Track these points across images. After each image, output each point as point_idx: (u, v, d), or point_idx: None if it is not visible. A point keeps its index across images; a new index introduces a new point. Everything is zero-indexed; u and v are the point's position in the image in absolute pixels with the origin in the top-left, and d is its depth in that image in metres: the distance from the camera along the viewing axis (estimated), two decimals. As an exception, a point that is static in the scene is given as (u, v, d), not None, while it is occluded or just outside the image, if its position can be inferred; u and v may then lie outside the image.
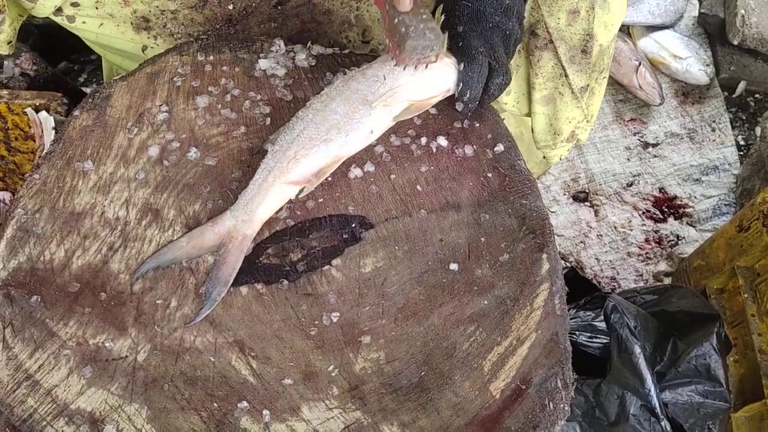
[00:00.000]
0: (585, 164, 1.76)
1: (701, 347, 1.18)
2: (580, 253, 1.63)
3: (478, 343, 0.86)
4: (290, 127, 0.87)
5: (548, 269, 0.92)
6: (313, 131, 0.86)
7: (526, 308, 0.89)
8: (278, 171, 0.84)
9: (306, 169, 0.85)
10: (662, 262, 1.63)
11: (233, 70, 1.00)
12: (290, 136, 0.86)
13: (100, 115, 0.94)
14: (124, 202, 0.88)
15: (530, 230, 0.94)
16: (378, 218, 0.92)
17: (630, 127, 1.84)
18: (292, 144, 0.85)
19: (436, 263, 0.90)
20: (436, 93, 0.93)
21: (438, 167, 0.97)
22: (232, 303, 0.84)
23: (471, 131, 1.00)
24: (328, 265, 0.87)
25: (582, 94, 1.05)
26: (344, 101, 0.87)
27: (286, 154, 0.85)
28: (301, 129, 0.86)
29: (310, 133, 0.86)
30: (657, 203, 1.72)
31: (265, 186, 0.84)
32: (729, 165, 1.79)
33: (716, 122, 1.87)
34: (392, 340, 0.84)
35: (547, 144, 1.14)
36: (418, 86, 0.91)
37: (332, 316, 0.84)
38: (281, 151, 0.86)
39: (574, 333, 1.11)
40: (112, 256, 0.85)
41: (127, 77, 0.98)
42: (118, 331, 0.81)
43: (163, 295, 0.83)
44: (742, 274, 1.32)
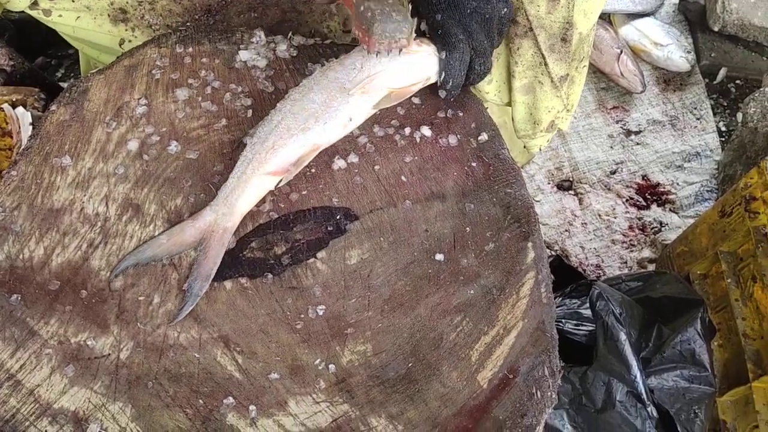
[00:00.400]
0: (569, 153, 1.77)
1: (686, 332, 1.19)
2: (565, 241, 1.63)
3: (465, 333, 0.85)
4: (269, 119, 0.86)
5: (534, 258, 0.92)
6: (291, 121, 0.85)
7: (512, 297, 0.89)
8: (256, 162, 0.83)
9: (284, 158, 0.84)
10: (646, 249, 1.64)
11: (213, 62, 0.99)
12: (268, 127, 0.85)
13: (78, 110, 0.93)
14: (104, 198, 0.87)
15: (515, 219, 0.94)
16: (363, 210, 0.91)
17: (612, 114, 1.84)
18: (270, 135, 0.84)
19: (421, 254, 0.89)
20: (416, 80, 0.92)
21: (422, 157, 0.96)
22: (217, 298, 0.83)
23: (455, 121, 1.00)
24: (313, 257, 0.87)
25: (562, 84, 1.04)
26: (322, 90, 0.86)
27: (264, 144, 0.84)
28: (279, 119, 0.85)
29: (288, 123, 0.85)
30: (640, 190, 1.73)
31: (244, 178, 0.83)
32: (711, 151, 1.80)
33: (698, 109, 1.88)
34: (379, 332, 0.84)
35: (526, 133, 1.13)
36: (397, 73, 0.90)
37: (318, 310, 0.83)
38: (259, 142, 0.85)
39: (560, 321, 1.12)
40: (93, 252, 0.84)
41: (105, 70, 0.96)
42: (100, 328, 0.80)
43: (145, 292, 0.82)
44: (725, 259, 1.33)
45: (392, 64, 0.89)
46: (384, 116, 0.98)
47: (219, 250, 0.82)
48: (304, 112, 0.86)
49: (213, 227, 0.83)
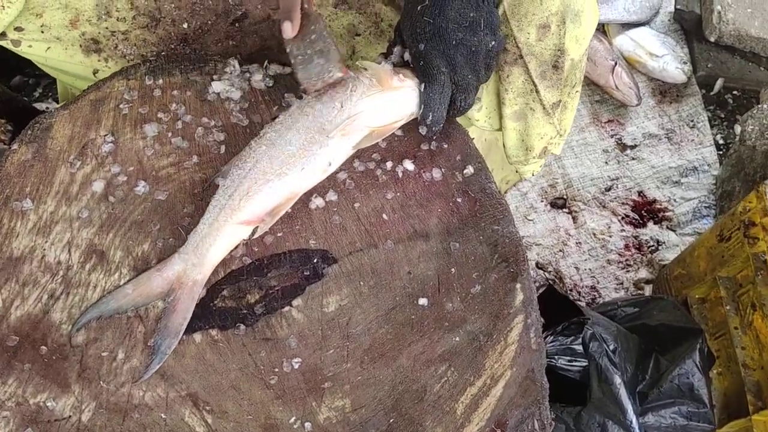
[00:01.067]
0: (562, 169, 1.72)
1: (684, 365, 1.14)
2: (559, 262, 1.59)
3: (450, 385, 0.81)
4: (242, 160, 0.81)
5: (522, 300, 0.87)
6: (267, 165, 0.80)
7: (500, 343, 0.84)
8: (229, 209, 0.79)
9: (259, 207, 0.79)
10: (642, 269, 1.59)
11: (184, 94, 0.94)
12: (242, 170, 0.80)
13: (40, 149, 0.88)
14: (66, 244, 0.82)
15: (503, 258, 0.89)
16: (342, 251, 0.86)
17: (607, 128, 1.80)
18: (245, 179, 0.80)
19: (404, 298, 0.85)
20: (398, 118, 0.87)
21: (405, 193, 0.91)
22: (185, 352, 0.78)
23: (439, 153, 0.95)
24: (289, 306, 0.82)
25: (554, 110, 1.00)
26: (300, 131, 0.81)
27: (237, 190, 0.79)
28: (254, 162, 0.80)
29: (263, 166, 0.80)
30: (636, 207, 1.68)
31: (215, 226, 0.78)
32: (708, 166, 1.76)
33: (694, 121, 1.83)
34: (358, 385, 0.79)
35: (519, 160, 1.09)
36: (378, 112, 0.85)
37: (293, 362, 0.79)
38: (233, 186, 0.80)
39: (553, 357, 1.07)
40: (54, 304, 0.79)
41: (70, 105, 0.91)
42: (60, 388, 0.75)
43: (108, 347, 0.77)
44: (723, 285, 1.28)
45: (374, 103, 0.84)
46: (365, 150, 0.93)
47: (189, 304, 0.77)
48: (281, 155, 0.81)
49: (182, 278, 0.78)
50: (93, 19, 1.02)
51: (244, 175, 0.80)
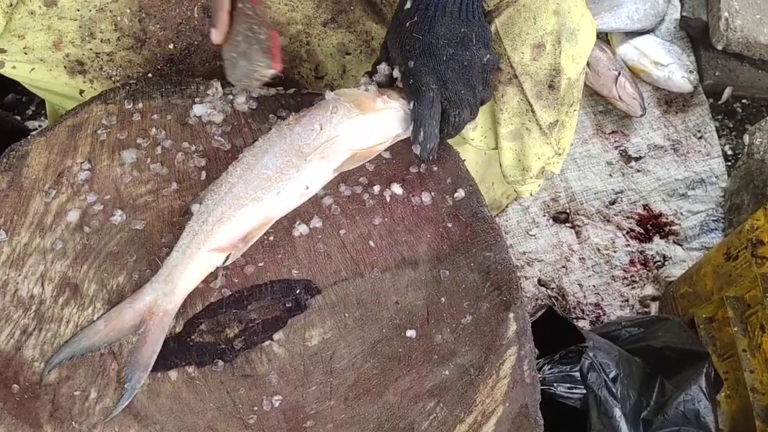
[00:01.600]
0: (565, 182, 1.68)
1: (689, 390, 1.10)
2: (561, 278, 1.54)
3: (439, 422, 0.77)
4: (218, 185, 0.78)
5: (516, 330, 0.83)
6: (242, 189, 0.77)
7: (491, 377, 0.80)
8: (202, 235, 0.76)
9: (231, 233, 0.76)
10: (648, 286, 1.55)
11: (164, 119, 0.91)
12: (217, 195, 0.77)
13: (15, 177, 0.85)
14: (40, 277, 0.79)
15: (495, 286, 0.85)
16: (326, 281, 0.83)
17: (611, 140, 1.75)
18: (218, 204, 0.77)
19: (391, 330, 0.81)
20: (381, 140, 0.84)
21: (393, 219, 0.88)
22: (160, 391, 0.75)
23: (428, 176, 0.91)
24: (269, 340, 0.78)
25: (551, 130, 0.96)
26: (277, 154, 0.78)
27: (211, 215, 0.76)
28: (229, 187, 0.77)
29: (238, 191, 0.77)
30: (641, 221, 1.64)
31: (188, 253, 0.75)
32: (716, 178, 1.71)
33: (702, 131, 1.78)
34: (342, 423, 0.75)
35: (515, 180, 1.05)
36: (359, 134, 0.82)
37: (273, 400, 0.75)
38: (207, 212, 0.77)
39: (552, 385, 1.03)
40: (26, 341, 0.76)
41: (46, 132, 0.89)
42: (32, 429, 0.72)
43: (81, 386, 0.74)
44: (731, 305, 1.23)
45: (355, 125, 0.81)
46: (351, 173, 0.89)
47: (159, 335, 0.74)
48: (256, 180, 0.78)
49: (153, 309, 0.75)
50: (77, 41, 0.99)
51: (218, 200, 0.77)
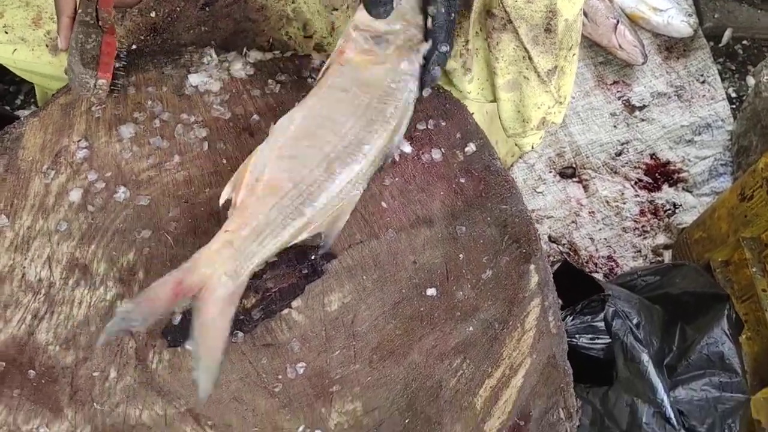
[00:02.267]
0: (569, 137, 1.65)
1: (712, 333, 1.08)
2: (572, 234, 1.52)
3: (467, 378, 0.75)
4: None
5: (538, 282, 0.82)
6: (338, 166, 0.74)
7: (516, 330, 0.79)
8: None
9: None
10: (660, 235, 1.53)
11: (160, 91, 0.88)
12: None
13: (12, 160, 0.82)
14: (47, 260, 0.77)
15: (513, 239, 0.83)
16: (341, 246, 0.81)
17: (613, 90, 1.72)
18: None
19: (411, 290, 0.79)
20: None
21: (404, 178, 0.85)
22: (182, 365, 0.73)
23: (437, 132, 0.89)
24: (288, 308, 0.76)
25: (550, 77, 0.93)
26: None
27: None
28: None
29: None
30: (649, 171, 1.61)
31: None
32: (722, 121, 1.68)
33: (704, 76, 1.75)
34: (369, 386, 0.74)
35: (516, 132, 1.02)
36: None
37: (297, 368, 0.73)
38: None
39: (574, 336, 1.01)
40: (38, 325, 0.74)
41: (39, 112, 0.86)
42: (52, 413, 0.70)
43: (99, 366, 0.72)
44: (748, 246, 1.22)
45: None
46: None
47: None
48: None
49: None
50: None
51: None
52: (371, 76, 0.78)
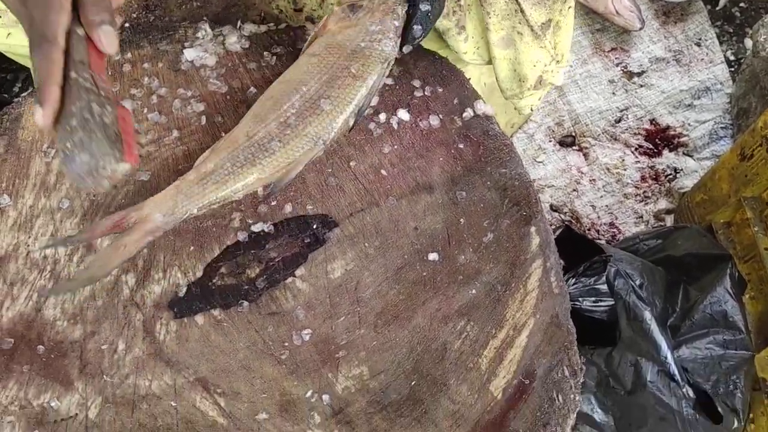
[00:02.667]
0: (568, 105, 1.64)
1: (715, 293, 1.09)
2: (573, 202, 1.52)
3: (471, 340, 0.76)
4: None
5: (539, 243, 0.82)
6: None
7: (519, 292, 0.79)
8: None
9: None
10: (662, 200, 1.53)
11: (156, 67, 0.88)
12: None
13: (12, 141, 0.83)
14: (50, 238, 0.78)
15: (514, 202, 0.84)
16: (342, 214, 0.81)
17: (611, 57, 1.71)
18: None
19: (413, 255, 0.80)
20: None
21: (402, 145, 0.86)
22: (189, 336, 0.74)
23: (434, 98, 0.89)
24: (292, 276, 0.77)
25: (544, 32, 0.92)
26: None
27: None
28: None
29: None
30: (649, 136, 1.61)
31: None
32: (721, 84, 1.67)
33: (702, 39, 1.74)
34: (374, 350, 0.75)
35: (513, 93, 1.01)
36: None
37: (303, 335, 0.74)
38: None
39: (577, 300, 1.02)
40: (45, 301, 0.75)
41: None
42: (62, 386, 0.71)
43: (108, 339, 0.73)
44: (749, 206, 1.22)
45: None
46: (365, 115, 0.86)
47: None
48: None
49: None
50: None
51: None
52: (341, 39, 0.80)
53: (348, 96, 0.77)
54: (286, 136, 0.74)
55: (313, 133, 0.75)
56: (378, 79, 0.79)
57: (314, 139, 0.75)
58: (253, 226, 0.79)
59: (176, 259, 0.77)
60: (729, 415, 0.97)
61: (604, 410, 1.05)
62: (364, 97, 0.78)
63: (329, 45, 0.79)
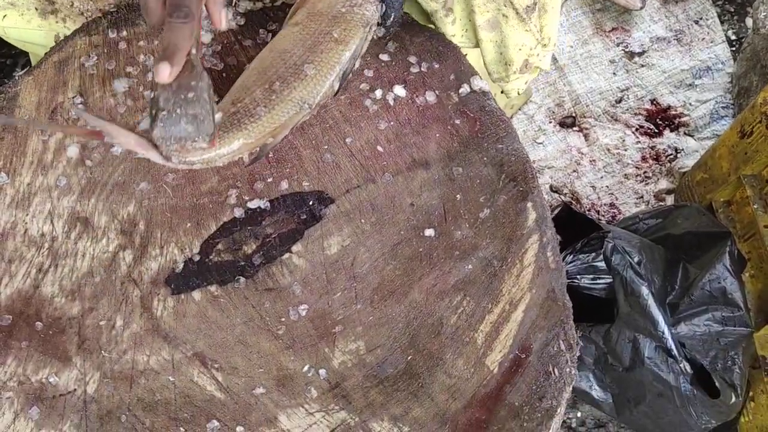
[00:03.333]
0: (568, 86, 1.64)
1: (714, 270, 1.09)
2: (573, 183, 1.52)
3: (467, 314, 0.76)
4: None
5: (535, 218, 0.82)
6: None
7: (515, 267, 0.79)
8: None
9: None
10: (662, 180, 1.52)
11: (152, 44, 0.88)
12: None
13: (9, 119, 0.83)
14: (48, 215, 0.78)
15: (510, 177, 0.83)
16: (338, 190, 0.81)
17: (612, 37, 1.70)
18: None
19: (409, 231, 0.80)
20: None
21: (398, 121, 0.86)
22: (186, 312, 0.74)
23: (431, 74, 0.88)
24: (288, 252, 0.77)
25: (529, 14, 0.91)
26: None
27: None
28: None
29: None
30: (650, 117, 1.60)
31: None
32: (722, 64, 1.66)
33: (703, 18, 1.73)
34: (371, 325, 0.75)
35: (500, 76, 1.01)
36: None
37: (300, 310, 0.75)
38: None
39: (575, 277, 1.02)
40: (43, 278, 0.75)
41: (33, 70, 0.86)
42: (61, 362, 0.72)
43: (106, 315, 0.74)
44: (749, 183, 1.21)
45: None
46: (350, 80, 0.86)
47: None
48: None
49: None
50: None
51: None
52: (322, 6, 0.80)
53: (331, 60, 0.77)
54: (272, 101, 0.74)
55: (298, 98, 0.75)
56: (360, 43, 0.80)
57: (299, 103, 0.75)
58: (249, 202, 0.79)
59: (173, 236, 0.77)
60: (727, 390, 0.97)
61: (602, 387, 1.05)
62: (348, 61, 0.79)
63: (311, 13, 0.79)
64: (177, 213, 0.78)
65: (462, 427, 0.71)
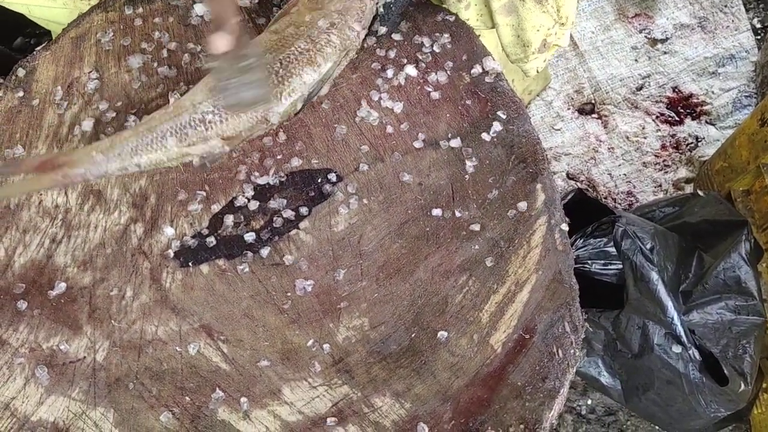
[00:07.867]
0: (588, 72, 1.61)
1: (729, 259, 1.07)
2: (590, 170, 1.50)
3: (473, 294, 0.77)
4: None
5: (544, 200, 0.82)
6: None
7: (522, 248, 0.79)
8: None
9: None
10: (682, 168, 1.50)
11: (167, 21, 0.88)
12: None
13: (26, 93, 0.84)
14: (62, 188, 0.79)
15: (520, 159, 0.83)
16: (346, 169, 0.81)
17: (635, 23, 1.67)
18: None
19: (416, 211, 0.80)
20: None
21: (409, 101, 0.86)
22: (194, 284, 0.75)
23: (443, 54, 0.88)
24: (296, 229, 0.78)
25: None
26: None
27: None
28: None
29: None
30: (671, 104, 1.57)
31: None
32: (746, 52, 1.62)
33: (728, 6, 1.69)
34: (375, 302, 0.75)
35: (518, 57, 1.00)
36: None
37: (306, 285, 0.75)
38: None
39: (586, 262, 1.01)
40: (56, 248, 0.77)
41: (51, 45, 0.87)
42: (72, 330, 0.73)
43: (116, 285, 0.75)
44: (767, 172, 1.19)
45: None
46: (362, 59, 0.87)
47: None
48: None
49: None
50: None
51: None
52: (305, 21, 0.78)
53: (300, 80, 0.76)
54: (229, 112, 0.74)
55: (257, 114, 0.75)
56: (332, 67, 0.79)
57: (256, 118, 0.75)
58: (258, 179, 0.80)
59: (183, 210, 0.78)
60: (736, 378, 0.96)
61: (611, 373, 1.04)
62: (315, 83, 0.78)
63: (292, 24, 0.78)
64: (187, 187, 0.79)
65: (464, 404, 0.71)
